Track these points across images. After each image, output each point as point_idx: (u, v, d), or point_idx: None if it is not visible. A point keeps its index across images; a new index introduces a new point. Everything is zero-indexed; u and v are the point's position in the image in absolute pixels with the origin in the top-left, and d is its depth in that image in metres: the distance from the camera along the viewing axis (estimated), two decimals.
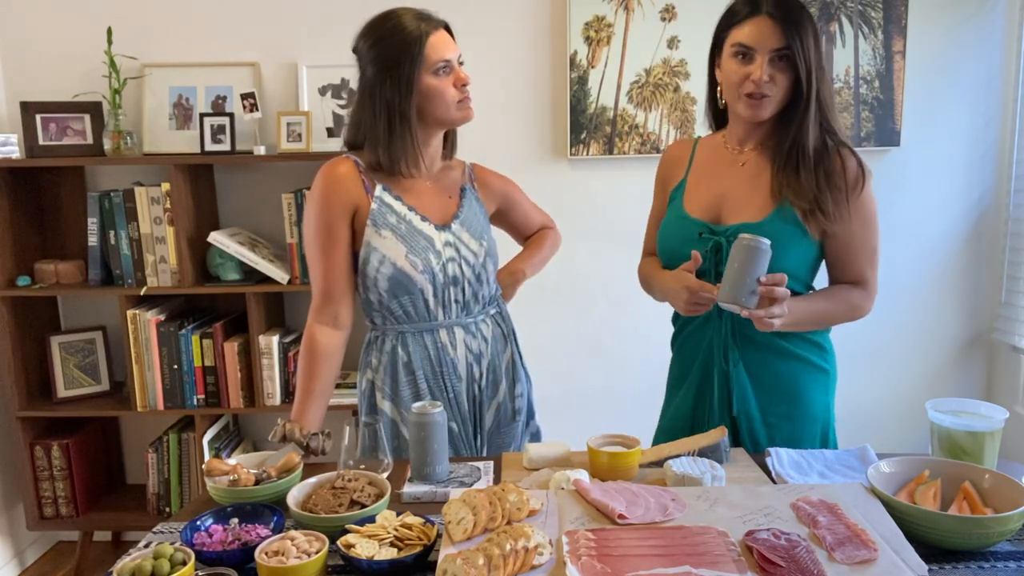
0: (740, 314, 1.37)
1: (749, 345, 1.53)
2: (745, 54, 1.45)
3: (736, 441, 1.56)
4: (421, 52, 1.50)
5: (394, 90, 1.51)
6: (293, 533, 1.09)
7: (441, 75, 1.53)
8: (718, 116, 1.64)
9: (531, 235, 1.91)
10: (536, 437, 1.81)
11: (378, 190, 1.57)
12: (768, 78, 1.43)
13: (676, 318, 1.66)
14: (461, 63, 1.58)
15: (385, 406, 1.63)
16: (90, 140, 2.61)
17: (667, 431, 1.67)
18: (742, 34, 1.45)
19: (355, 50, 1.58)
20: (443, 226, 1.61)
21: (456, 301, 1.62)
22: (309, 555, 1.05)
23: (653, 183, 1.62)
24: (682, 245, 1.53)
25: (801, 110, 1.45)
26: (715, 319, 1.54)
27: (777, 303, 1.34)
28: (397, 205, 1.57)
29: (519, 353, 1.76)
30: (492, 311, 1.71)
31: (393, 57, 1.51)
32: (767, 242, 1.32)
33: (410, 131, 1.53)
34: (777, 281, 1.33)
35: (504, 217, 1.83)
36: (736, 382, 1.54)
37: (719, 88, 1.57)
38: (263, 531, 1.15)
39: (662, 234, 1.60)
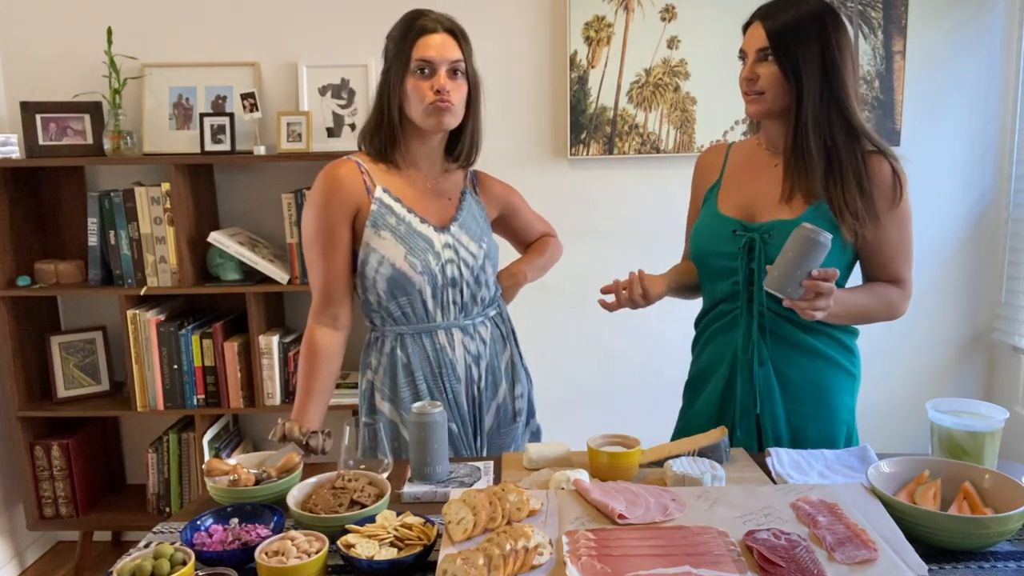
0: (783, 302, 1.34)
1: (778, 344, 1.52)
2: (743, 58, 1.51)
3: (760, 441, 1.55)
4: (408, 50, 1.53)
5: (385, 83, 1.57)
6: (293, 533, 1.09)
7: (418, 76, 1.53)
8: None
9: (532, 243, 1.91)
10: (536, 436, 1.81)
11: (378, 191, 1.57)
12: (754, 76, 1.47)
13: (700, 319, 1.67)
14: (465, 70, 1.57)
15: (384, 407, 1.64)
16: (90, 140, 2.61)
17: (690, 431, 1.63)
18: (743, 40, 1.51)
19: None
20: (442, 228, 1.61)
21: (454, 303, 1.62)
22: (309, 555, 1.05)
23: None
24: (714, 243, 1.55)
25: (795, 106, 1.45)
26: (744, 317, 1.54)
27: (822, 297, 1.31)
28: (397, 207, 1.58)
29: (519, 354, 1.76)
30: (491, 313, 1.71)
31: (391, 51, 1.57)
32: (828, 236, 1.28)
33: (394, 125, 1.57)
34: (828, 276, 1.30)
35: (506, 224, 1.83)
36: (762, 381, 1.53)
37: None
38: (263, 531, 1.15)
39: (695, 234, 1.62)
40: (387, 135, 1.58)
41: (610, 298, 1.55)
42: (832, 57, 1.44)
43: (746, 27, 1.51)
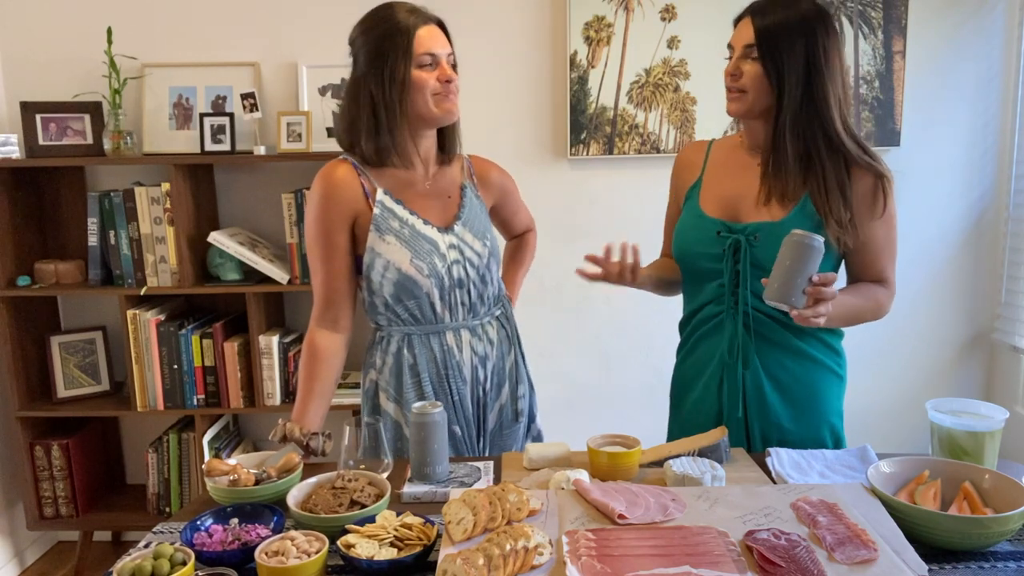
0: (789, 312, 1.32)
1: (766, 346, 1.52)
2: (730, 54, 1.49)
3: (749, 444, 1.55)
4: (408, 44, 1.49)
5: (379, 80, 1.50)
6: (293, 533, 1.09)
7: (425, 69, 1.51)
8: None
9: (515, 234, 1.92)
10: (538, 440, 1.81)
11: (379, 194, 1.55)
12: (738, 73, 1.45)
13: (685, 324, 1.65)
14: (453, 63, 1.57)
15: (389, 408, 1.62)
16: (90, 140, 2.61)
17: (678, 436, 1.61)
18: (732, 34, 1.49)
19: (351, 42, 1.57)
20: (446, 228, 1.60)
21: (462, 304, 1.61)
22: (309, 555, 1.05)
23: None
24: (698, 244, 1.53)
25: (776, 107, 1.44)
26: (731, 320, 1.52)
27: (823, 303, 1.30)
28: (399, 209, 1.56)
29: (522, 355, 1.76)
30: (497, 312, 1.71)
31: (381, 47, 1.50)
32: (821, 239, 1.27)
33: (394, 123, 1.52)
34: (828, 281, 1.29)
35: (496, 212, 1.79)
36: (750, 384, 1.52)
37: None
38: (263, 531, 1.15)
39: (678, 234, 1.59)
40: (392, 135, 1.53)
41: (593, 268, 1.54)
42: (816, 62, 1.42)
43: (737, 21, 1.49)
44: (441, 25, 1.57)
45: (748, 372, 1.52)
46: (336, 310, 1.59)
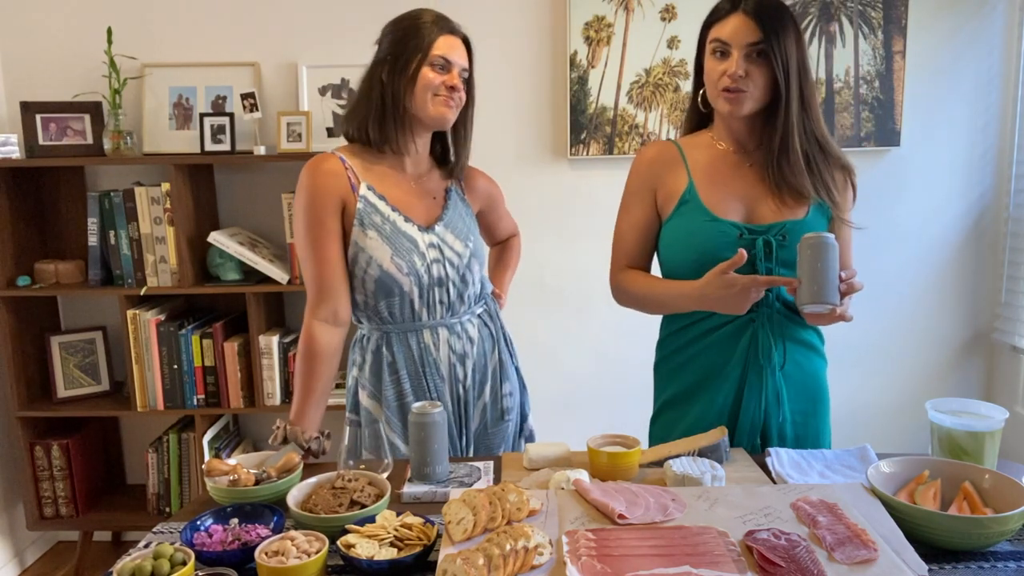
0: (831, 312, 1.35)
1: (788, 344, 1.51)
2: (723, 51, 1.45)
3: (764, 444, 1.53)
4: (428, 43, 1.53)
5: (391, 69, 1.55)
6: (293, 533, 1.09)
7: (435, 69, 1.54)
8: (701, 117, 1.61)
9: (498, 240, 1.94)
10: (530, 440, 1.80)
11: (363, 189, 1.56)
12: (744, 73, 1.42)
13: (678, 335, 1.58)
14: (467, 79, 1.60)
15: (369, 405, 1.64)
16: (90, 140, 2.61)
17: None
18: (720, 31, 1.46)
19: (381, 32, 1.61)
20: (427, 227, 1.60)
21: (441, 302, 1.62)
22: (309, 555, 1.05)
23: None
24: (722, 248, 1.45)
25: (783, 107, 1.44)
26: (762, 322, 1.49)
27: (851, 295, 1.35)
28: (381, 205, 1.57)
29: (510, 353, 1.75)
30: (479, 310, 1.71)
31: (403, 39, 1.55)
32: (833, 235, 1.33)
33: (396, 113, 1.55)
34: (853, 274, 1.35)
35: (480, 219, 1.80)
36: (774, 385, 1.50)
37: (703, 90, 1.54)
38: (263, 531, 1.15)
39: (690, 239, 1.49)
40: (390, 121, 1.56)
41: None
42: (804, 60, 1.44)
43: (716, 19, 1.47)
44: (467, 43, 1.61)
45: (774, 372, 1.50)
46: (334, 301, 1.56)
